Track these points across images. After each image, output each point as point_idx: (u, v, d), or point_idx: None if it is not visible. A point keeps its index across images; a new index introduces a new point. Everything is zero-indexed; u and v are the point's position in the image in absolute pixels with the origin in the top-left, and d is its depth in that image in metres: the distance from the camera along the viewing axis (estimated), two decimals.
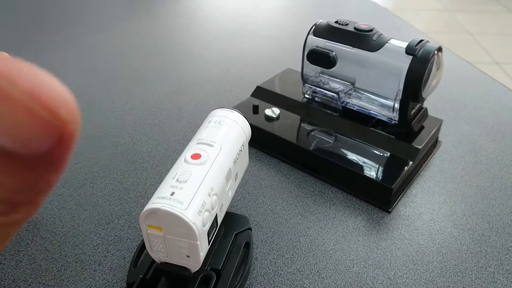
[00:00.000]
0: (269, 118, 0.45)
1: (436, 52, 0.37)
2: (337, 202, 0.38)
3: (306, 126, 0.44)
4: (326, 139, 0.42)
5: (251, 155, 0.43)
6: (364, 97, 0.42)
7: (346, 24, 0.42)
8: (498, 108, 0.53)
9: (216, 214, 0.27)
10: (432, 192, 0.40)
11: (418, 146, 0.40)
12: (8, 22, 0.75)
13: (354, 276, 0.32)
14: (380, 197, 0.38)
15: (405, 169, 0.39)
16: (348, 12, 0.84)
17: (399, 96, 0.39)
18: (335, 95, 0.44)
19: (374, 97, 0.41)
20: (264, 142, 0.44)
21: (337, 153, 0.40)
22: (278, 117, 0.45)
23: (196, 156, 0.27)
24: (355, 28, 0.41)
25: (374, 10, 0.86)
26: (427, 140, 0.41)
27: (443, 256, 0.34)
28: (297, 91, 0.47)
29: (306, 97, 0.47)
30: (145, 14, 0.79)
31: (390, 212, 0.38)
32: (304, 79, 0.46)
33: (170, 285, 0.28)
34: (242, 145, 0.31)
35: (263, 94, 0.48)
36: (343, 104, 0.44)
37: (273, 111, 0.45)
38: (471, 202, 0.39)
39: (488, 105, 0.53)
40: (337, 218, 0.37)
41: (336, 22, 0.42)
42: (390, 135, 0.41)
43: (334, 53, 0.42)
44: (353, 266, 0.33)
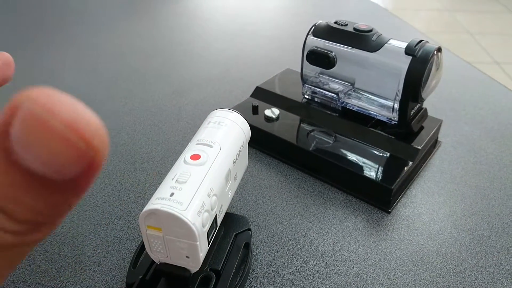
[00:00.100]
0: (269, 119, 0.45)
1: (436, 53, 0.37)
2: (337, 203, 0.38)
3: (306, 127, 0.44)
4: (326, 140, 0.42)
5: (251, 156, 0.43)
6: (364, 98, 0.42)
7: (346, 25, 0.42)
8: (498, 109, 0.53)
9: (216, 215, 0.27)
10: (432, 193, 0.40)
11: (418, 147, 0.40)
12: (8, 22, 0.75)
13: (354, 277, 0.32)
14: (380, 198, 0.38)
15: (405, 170, 0.39)
16: (348, 13, 0.84)
17: (399, 97, 0.39)
18: (335, 96, 0.44)
19: (374, 98, 0.41)
20: (264, 143, 0.44)
21: (337, 154, 0.40)
22: (278, 118, 0.45)
23: (196, 157, 0.27)
24: (355, 29, 0.41)
25: (374, 11, 0.86)
26: (427, 141, 0.41)
27: (443, 257, 0.34)
28: (297, 92, 0.47)
29: (306, 98, 0.47)
30: (145, 15, 0.80)
31: (390, 213, 0.38)
32: (304, 80, 0.46)
33: (170, 286, 0.28)
34: (242, 146, 0.31)
35: (263, 95, 0.48)
36: (343, 105, 0.44)
37: (273, 112, 0.45)
38: (471, 203, 0.39)
39: (488, 106, 0.53)
40: (337, 219, 0.37)
41: (336, 23, 0.42)
42: (390, 136, 0.41)
43: (334, 54, 0.42)
44: (353, 267, 0.33)
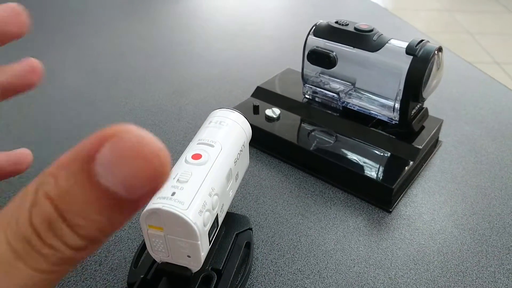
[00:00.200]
0: (270, 119, 0.45)
1: (436, 52, 0.37)
2: (338, 202, 0.38)
3: (307, 126, 0.44)
4: (327, 139, 0.42)
5: (252, 156, 0.43)
6: (365, 97, 0.42)
7: (346, 25, 0.42)
8: (498, 108, 0.53)
9: (217, 214, 0.27)
10: (433, 192, 0.40)
11: (419, 146, 0.40)
12: None
13: (355, 276, 0.32)
14: (381, 197, 0.38)
15: (406, 169, 0.39)
16: (348, 13, 0.84)
17: (400, 96, 0.39)
18: (336, 95, 0.44)
19: (375, 97, 0.41)
20: (265, 143, 0.44)
21: (338, 153, 0.40)
22: (279, 118, 0.45)
23: (197, 156, 0.27)
24: (355, 28, 0.41)
25: (374, 11, 0.86)
26: (428, 140, 0.41)
27: (444, 256, 0.34)
28: (298, 92, 0.47)
29: (307, 97, 0.47)
30: (145, 15, 0.80)
31: (391, 212, 0.38)
32: (305, 80, 0.46)
33: (171, 285, 0.28)
34: (243, 145, 0.31)
35: (264, 95, 0.48)
36: (344, 104, 0.44)
37: (274, 112, 0.45)
38: (472, 202, 0.39)
39: (488, 105, 0.53)
40: (338, 218, 0.37)
41: (336, 23, 0.42)
42: (391, 135, 0.41)
43: (335, 53, 0.42)
44: (354, 266, 0.33)
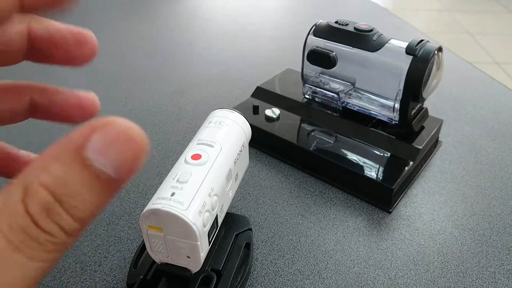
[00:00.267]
0: (269, 119, 0.45)
1: (436, 52, 0.37)
2: (338, 203, 0.38)
3: (306, 127, 0.44)
4: (327, 140, 0.42)
5: (251, 156, 0.43)
6: (364, 97, 0.42)
7: (346, 24, 0.42)
8: (498, 108, 0.53)
9: (217, 215, 0.27)
10: (433, 192, 0.40)
11: (419, 146, 0.40)
12: None
13: (355, 277, 0.32)
14: (381, 197, 0.38)
15: (406, 169, 0.39)
16: (348, 13, 0.84)
17: (399, 96, 0.39)
18: (335, 96, 0.44)
19: (374, 97, 0.41)
20: (265, 143, 0.44)
21: (338, 154, 0.40)
22: (278, 118, 0.45)
23: (197, 157, 0.27)
24: (355, 28, 0.41)
25: (374, 11, 0.86)
26: (428, 140, 0.41)
27: (444, 256, 0.34)
28: (297, 92, 0.47)
29: (306, 98, 0.47)
30: (145, 15, 0.79)
31: (391, 213, 0.38)
32: (304, 80, 0.46)
33: (171, 286, 0.28)
34: (243, 146, 0.31)
35: (263, 95, 0.48)
36: (343, 105, 0.44)
37: (273, 112, 0.45)
38: (472, 202, 0.39)
39: (488, 105, 0.53)
40: (338, 219, 0.37)
41: (336, 22, 0.42)
42: (391, 135, 0.41)
43: (334, 53, 0.42)
44: (354, 267, 0.33)
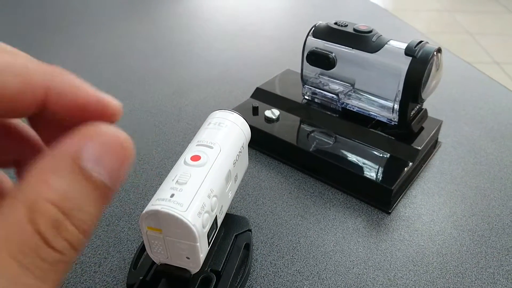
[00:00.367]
0: (269, 120, 0.45)
1: (436, 53, 0.37)
2: (337, 203, 0.38)
3: (306, 128, 0.44)
4: (326, 140, 0.42)
5: (251, 157, 0.43)
6: (364, 98, 0.42)
7: (346, 26, 0.42)
8: (498, 109, 0.53)
9: (216, 216, 0.27)
10: (432, 193, 0.40)
11: (418, 147, 0.40)
12: (9, 23, 0.75)
13: (354, 277, 0.32)
14: (380, 198, 0.38)
15: (405, 170, 0.39)
16: (348, 13, 0.84)
17: (399, 97, 0.39)
18: (335, 96, 0.44)
19: (374, 98, 0.41)
20: (264, 144, 0.44)
21: (337, 154, 0.40)
22: (278, 119, 0.45)
23: (196, 158, 0.27)
24: (355, 30, 0.41)
25: (374, 11, 0.86)
26: (427, 141, 0.41)
27: (443, 257, 0.34)
28: (297, 93, 0.47)
29: (306, 99, 0.47)
30: (145, 15, 0.80)
31: (390, 213, 0.38)
32: (304, 80, 0.46)
33: (170, 287, 0.28)
34: (242, 147, 0.31)
35: (263, 96, 0.48)
36: (343, 105, 0.44)
37: (273, 113, 0.45)
38: (471, 203, 0.39)
39: (488, 106, 0.53)
40: (337, 219, 0.37)
41: (336, 24, 0.42)
42: (390, 136, 0.41)
43: (334, 55, 0.42)
44: (353, 267, 0.33)
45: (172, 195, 0.24)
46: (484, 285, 0.32)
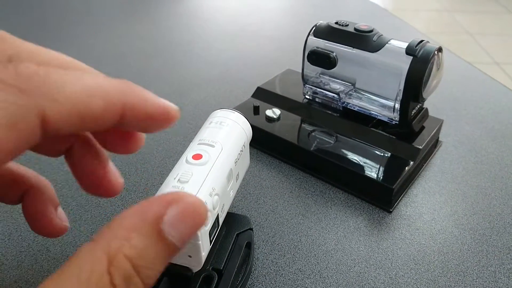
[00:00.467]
0: (270, 119, 0.45)
1: (436, 53, 0.37)
2: (338, 202, 0.39)
3: (307, 127, 0.44)
4: (327, 140, 0.42)
5: (252, 156, 0.43)
6: (365, 98, 0.42)
7: (346, 25, 0.42)
8: (499, 108, 0.53)
9: (218, 214, 0.27)
10: (433, 192, 0.40)
11: (419, 146, 0.40)
12: (9, 23, 0.75)
13: (356, 276, 0.32)
14: (381, 197, 0.38)
15: (406, 169, 0.39)
16: (348, 13, 0.84)
17: (400, 97, 0.39)
18: (336, 96, 0.44)
19: (375, 98, 0.42)
20: (265, 143, 0.44)
21: (338, 154, 0.41)
22: (279, 118, 0.45)
23: (198, 157, 0.27)
24: (355, 29, 0.41)
25: (374, 11, 0.86)
26: (428, 140, 0.41)
27: (445, 256, 0.34)
28: (298, 92, 0.48)
29: (307, 98, 0.47)
30: (145, 15, 0.80)
31: (391, 212, 0.38)
32: (305, 80, 0.46)
33: (172, 285, 0.28)
34: (243, 146, 0.31)
35: (264, 95, 0.48)
36: (344, 105, 0.44)
37: (274, 112, 0.45)
38: (472, 202, 0.39)
39: (488, 105, 0.53)
40: (338, 218, 0.37)
41: (336, 23, 0.42)
42: (391, 135, 0.41)
43: (335, 54, 0.42)
44: (355, 266, 0.33)
45: None
46: (486, 284, 0.32)
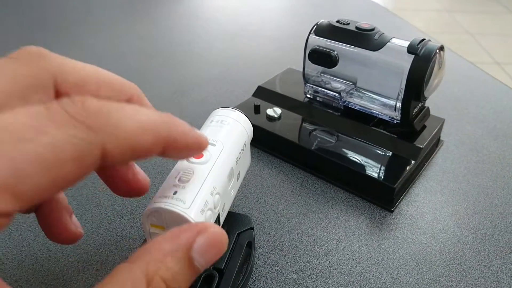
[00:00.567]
0: (271, 118, 0.45)
1: (438, 51, 0.37)
2: (339, 202, 0.38)
3: (308, 126, 0.44)
4: (328, 139, 0.42)
5: (253, 155, 0.43)
6: (366, 97, 0.42)
7: (348, 24, 0.42)
8: (500, 108, 0.53)
9: (219, 214, 0.27)
10: (435, 191, 0.40)
11: (420, 146, 0.40)
12: (9, 23, 0.75)
13: (357, 275, 0.32)
14: (383, 197, 0.38)
15: (407, 169, 0.39)
16: (348, 12, 0.84)
17: (401, 95, 0.39)
18: (337, 95, 0.44)
19: (376, 97, 0.41)
20: (266, 142, 0.44)
21: (339, 153, 0.40)
22: (280, 117, 0.45)
23: (199, 155, 0.27)
24: (357, 28, 0.41)
25: (375, 10, 0.86)
26: (429, 140, 0.41)
27: (446, 255, 0.34)
28: (299, 91, 0.47)
29: (308, 97, 0.47)
30: (145, 15, 0.80)
31: (393, 212, 0.37)
32: (306, 79, 0.46)
33: None
34: (244, 145, 0.31)
35: (265, 94, 0.48)
36: (345, 104, 0.44)
37: (275, 111, 0.45)
38: (474, 201, 0.39)
39: (490, 105, 0.53)
40: (340, 218, 0.37)
41: (338, 22, 0.42)
42: (392, 135, 0.41)
43: (336, 53, 0.42)
44: (356, 266, 0.33)
45: (175, 193, 0.24)
46: (487, 283, 0.32)
